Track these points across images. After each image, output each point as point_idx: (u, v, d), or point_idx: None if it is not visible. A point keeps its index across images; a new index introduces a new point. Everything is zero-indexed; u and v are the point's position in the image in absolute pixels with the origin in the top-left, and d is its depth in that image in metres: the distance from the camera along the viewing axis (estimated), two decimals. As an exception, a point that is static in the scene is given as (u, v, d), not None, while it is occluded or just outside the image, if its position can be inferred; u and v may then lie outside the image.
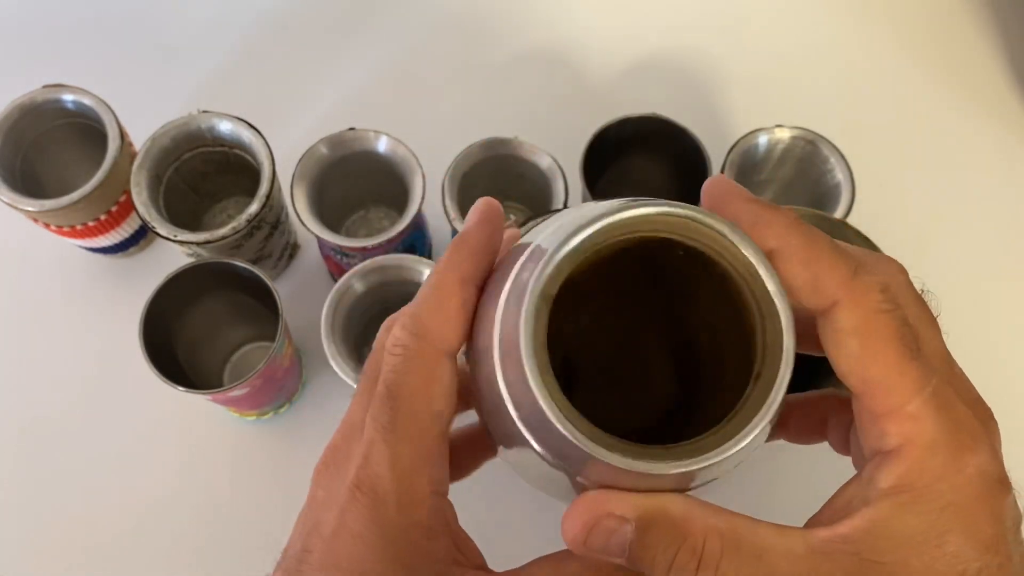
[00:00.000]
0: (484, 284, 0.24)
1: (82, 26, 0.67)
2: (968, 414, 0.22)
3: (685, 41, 0.67)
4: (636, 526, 0.20)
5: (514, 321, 0.21)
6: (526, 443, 0.21)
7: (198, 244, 0.48)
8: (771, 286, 0.20)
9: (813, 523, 0.23)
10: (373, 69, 0.66)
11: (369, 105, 0.64)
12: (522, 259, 0.22)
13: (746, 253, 0.21)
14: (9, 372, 0.56)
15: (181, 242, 0.48)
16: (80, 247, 0.56)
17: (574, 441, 0.19)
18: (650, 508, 0.21)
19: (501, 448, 0.24)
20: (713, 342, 0.25)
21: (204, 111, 0.50)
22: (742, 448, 0.20)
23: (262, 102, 0.63)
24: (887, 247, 0.41)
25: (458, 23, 0.67)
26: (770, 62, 0.66)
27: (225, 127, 0.51)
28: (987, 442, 0.22)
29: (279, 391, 0.51)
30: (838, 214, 0.50)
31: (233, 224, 0.48)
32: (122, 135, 0.50)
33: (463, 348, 0.24)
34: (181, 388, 0.44)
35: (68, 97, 0.51)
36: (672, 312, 0.27)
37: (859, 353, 0.21)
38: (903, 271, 0.24)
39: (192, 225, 0.53)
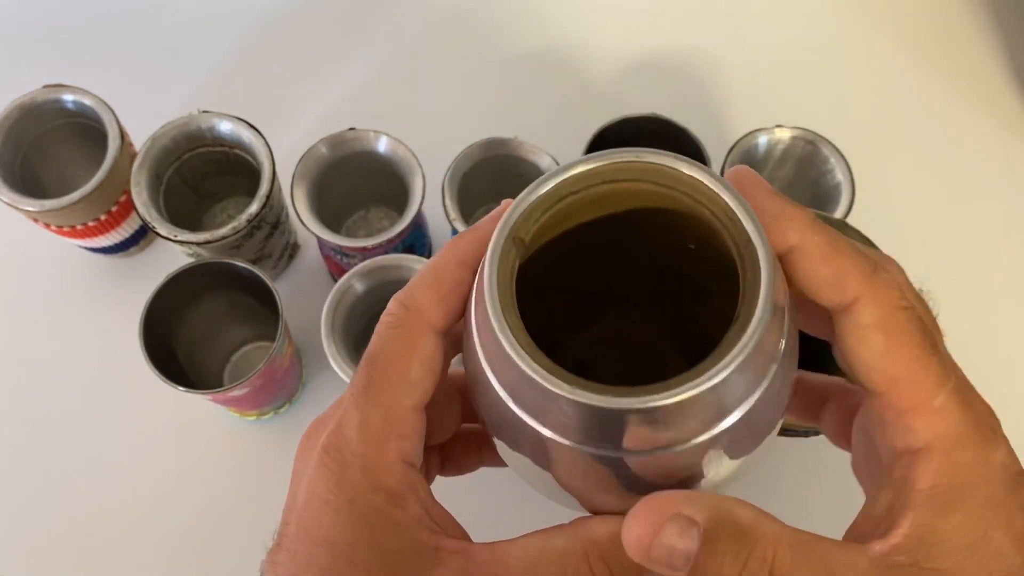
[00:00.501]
0: None
1: (82, 26, 0.67)
2: (985, 407, 0.22)
3: (685, 41, 0.67)
4: (704, 529, 0.19)
5: (481, 269, 0.21)
6: (497, 397, 0.21)
7: (198, 244, 0.48)
8: (749, 228, 0.20)
9: (856, 533, 0.23)
10: (373, 69, 0.66)
11: (369, 105, 0.64)
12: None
13: (724, 197, 0.20)
14: (9, 372, 0.56)
15: (181, 242, 0.48)
16: (80, 247, 0.56)
17: (533, 376, 0.19)
18: (720, 510, 0.20)
19: (495, 440, 0.24)
20: (711, 302, 0.25)
21: (204, 111, 0.50)
22: (712, 386, 0.18)
23: (262, 102, 0.63)
24: (887, 247, 0.41)
25: (458, 23, 0.67)
26: (770, 62, 0.66)
27: (225, 127, 0.51)
28: (1003, 435, 0.22)
29: (279, 391, 0.51)
30: (838, 214, 0.50)
31: (233, 224, 0.48)
32: (122, 135, 0.50)
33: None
34: (181, 388, 0.44)
35: (68, 97, 0.51)
36: (674, 287, 0.27)
37: (884, 348, 0.21)
38: (903, 271, 0.24)
39: (192, 225, 0.53)
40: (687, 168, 0.21)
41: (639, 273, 0.25)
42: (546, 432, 0.20)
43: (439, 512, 0.23)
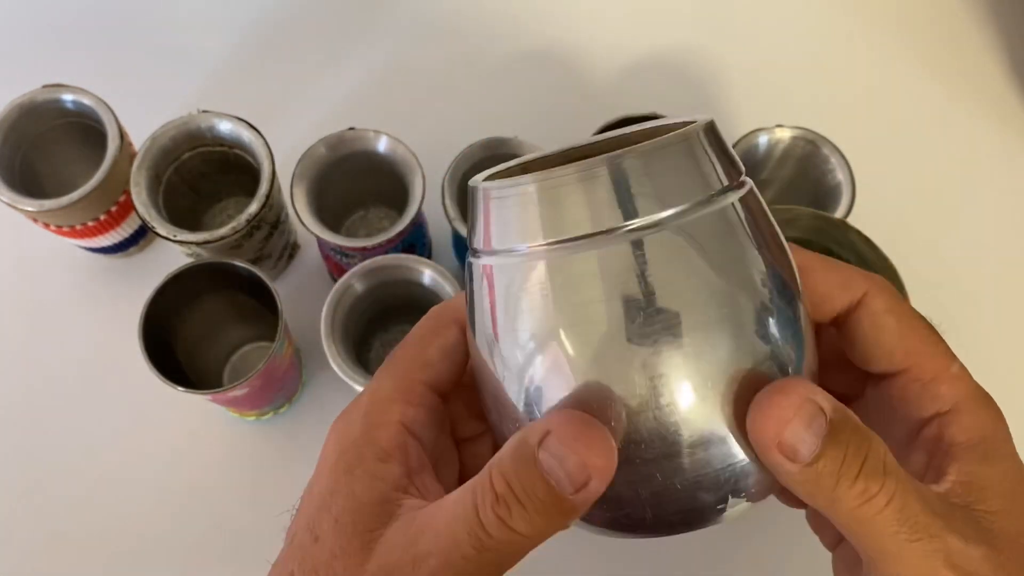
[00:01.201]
0: None
1: (82, 26, 0.66)
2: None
3: (685, 41, 0.67)
4: (830, 419, 0.20)
5: None
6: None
7: (198, 244, 0.47)
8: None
9: None
10: (373, 69, 0.66)
11: (369, 105, 0.64)
12: None
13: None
14: (8, 372, 0.56)
15: (181, 242, 0.48)
16: (80, 247, 0.56)
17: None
18: (842, 408, 0.20)
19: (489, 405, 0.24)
20: None
21: (204, 111, 0.50)
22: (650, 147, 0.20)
23: (262, 102, 0.63)
24: (887, 247, 0.41)
25: (458, 23, 0.67)
26: (770, 62, 0.66)
27: (225, 127, 0.50)
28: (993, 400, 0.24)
29: (279, 391, 0.51)
30: (838, 214, 0.50)
31: (233, 224, 0.48)
32: (122, 135, 0.50)
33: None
34: (181, 388, 0.44)
35: (68, 97, 0.51)
36: None
37: (899, 328, 0.23)
38: None
39: (192, 225, 0.53)
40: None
41: None
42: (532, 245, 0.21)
43: (426, 482, 0.24)
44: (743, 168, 0.22)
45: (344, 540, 0.22)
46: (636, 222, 0.19)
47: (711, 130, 0.21)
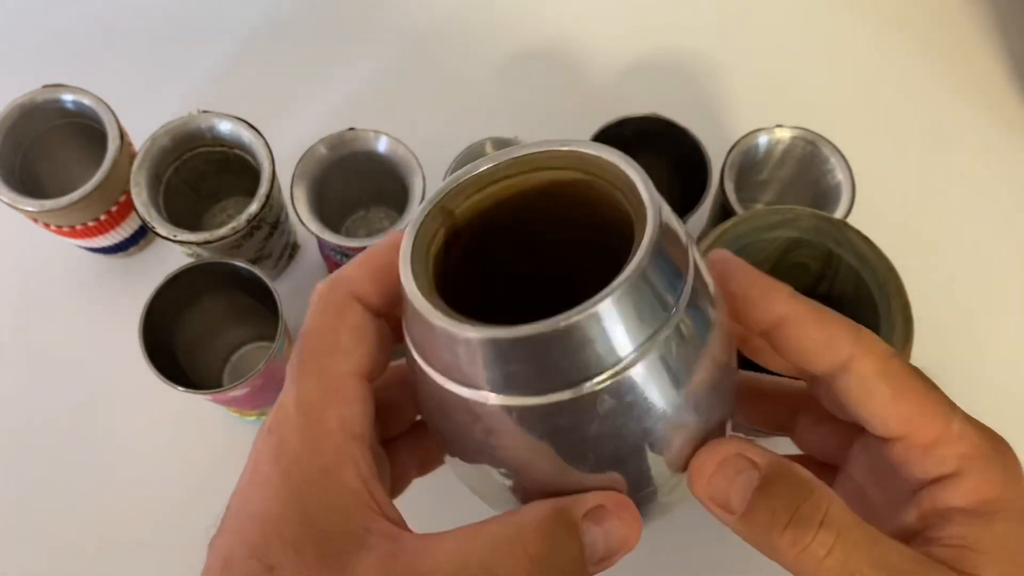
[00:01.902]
0: None
1: (82, 26, 0.67)
2: (992, 429, 0.23)
3: (685, 41, 0.67)
4: (763, 474, 0.20)
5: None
6: (425, 374, 0.21)
7: (198, 244, 0.48)
8: (642, 191, 0.21)
9: None
10: (373, 69, 0.66)
11: (369, 105, 0.64)
12: None
13: (627, 171, 0.22)
14: (8, 372, 0.56)
15: (181, 242, 0.48)
16: (80, 247, 0.56)
17: (428, 318, 0.20)
18: (780, 462, 0.21)
19: (437, 436, 0.24)
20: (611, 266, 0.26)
21: (204, 111, 0.50)
22: (590, 314, 0.19)
23: (262, 102, 0.63)
24: (887, 247, 0.41)
25: (458, 23, 0.67)
26: (770, 62, 0.66)
27: (225, 127, 0.51)
28: (1011, 448, 0.23)
29: (279, 391, 0.51)
30: (838, 214, 0.50)
31: (233, 224, 0.48)
32: (122, 135, 0.50)
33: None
34: (181, 388, 0.44)
35: (68, 97, 0.51)
36: (592, 263, 0.27)
37: (891, 393, 0.22)
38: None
39: (192, 225, 0.53)
40: (607, 155, 0.22)
41: (561, 249, 0.26)
42: (478, 396, 0.20)
43: (378, 491, 0.22)
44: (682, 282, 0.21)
45: (311, 572, 0.20)
46: (567, 393, 0.20)
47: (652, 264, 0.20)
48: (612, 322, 0.19)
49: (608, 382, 0.19)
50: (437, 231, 0.22)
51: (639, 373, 0.20)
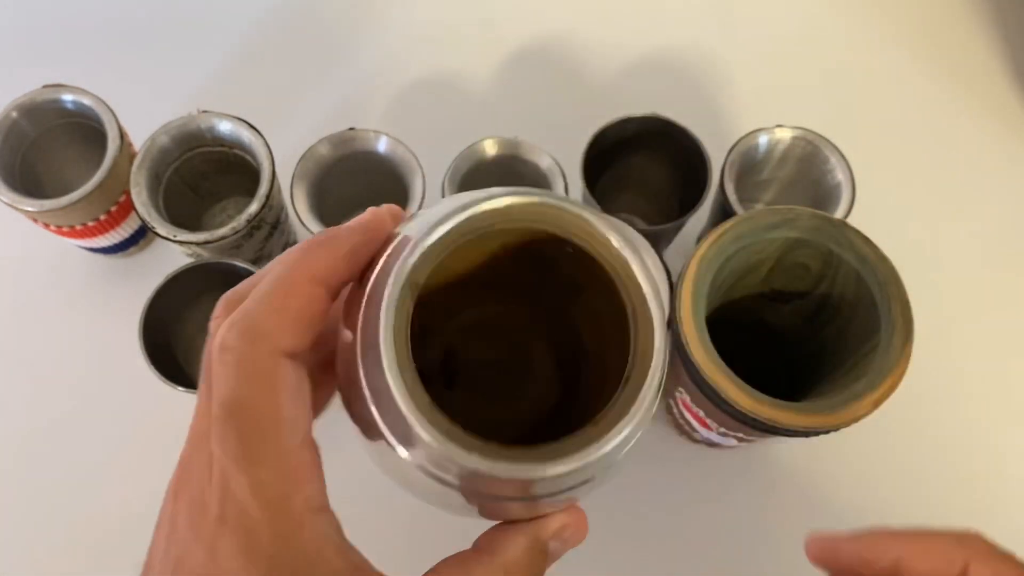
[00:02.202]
0: (360, 279, 0.22)
1: (82, 26, 0.67)
2: None
3: (686, 41, 0.67)
4: None
5: (375, 313, 0.19)
6: (385, 439, 0.20)
7: (198, 244, 0.48)
8: (644, 285, 0.20)
9: None
10: (373, 69, 0.66)
11: (369, 105, 0.64)
12: (389, 250, 0.21)
13: (617, 246, 0.20)
14: (8, 372, 0.56)
15: (181, 242, 0.48)
16: (80, 247, 0.56)
17: (431, 442, 0.18)
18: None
19: (364, 439, 0.23)
20: (596, 340, 0.25)
21: (204, 111, 0.50)
22: (605, 453, 0.19)
23: (262, 102, 0.63)
24: (887, 247, 0.41)
25: (458, 23, 0.67)
26: (770, 62, 0.66)
27: (225, 127, 0.51)
28: None
29: None
30: (838, 214, 0.50)
31: (233, 224, 0.48)
32: (122, 135, 0.50)
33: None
34: (181, 388, 0.44)
35: (68, 97, 0.51)
36: (560, 308, 0.26)
37: None
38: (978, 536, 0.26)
39: (192, 225, 0.53)
40: (573, 208, 0.21)
41: (516, 264, 0.25)
42: (438, 478, 0.20)
43: (355, 556, 0.21)
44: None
45: None
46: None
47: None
48: (601, 460, 0.20)
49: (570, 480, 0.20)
50: (408, 311, 0.20)
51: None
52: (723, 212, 0.51)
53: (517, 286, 0.26)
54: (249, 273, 0.46)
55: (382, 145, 0.50)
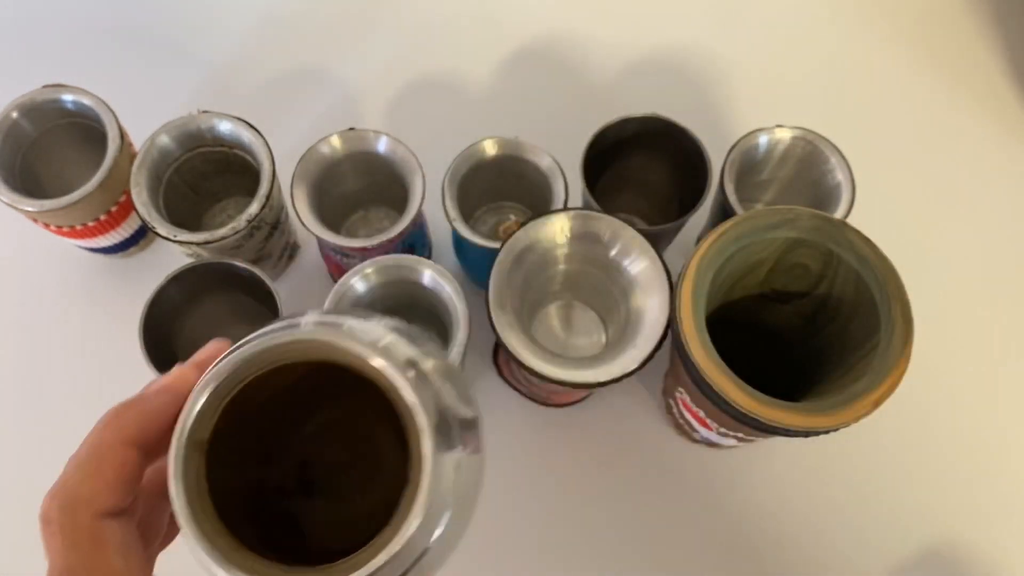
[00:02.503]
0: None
1: (82, 26, 0.67)
2: None
3: (686, 41, 0.67)
4: None
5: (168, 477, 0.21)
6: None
7: (198, 244, 0.48)
8: (407, 396, 0.21)
9: None
10: (373, 69, 0.66)
11: (369, 105, 0.64)
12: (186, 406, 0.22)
13: (379, 367, 0.21)
14: (8, 372, 0.56)
15: (181, 242, 0.48)
16: (80, 247, 0.56)
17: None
18: None
19: None
20: (390, 448, 0.26)
21: (204, 111, 0.50)
22: (395, 555, 0.20)
23: (262, 102, 0.63)
24: (887, 247, 0.41)
25: (458, 23, 0.68)
26: (770, 62, 0.66)
27: (225, 127, 0.51)
28: None
29: None
30: (838, 214, 0.50)
31: (233, 224, 0.48)
32: (122, 135, 0.50)
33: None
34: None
35: (68, 97, 0.51)
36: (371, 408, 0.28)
37: None
38: None
39: (192, 225, 0.53)
40: (353, 344, 0.22)
41: (322, 378, 0.26)
42: None
43: None
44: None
45: None
46: None
47: None
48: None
49: None
50: (198, 468, 0.22)
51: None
52: (723, 212, 0.51)
53: (337, 394, 0.27)
54: (248, 273, 0.46)
55: (382, 145, 0.50)
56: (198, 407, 0.22)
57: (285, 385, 0.24)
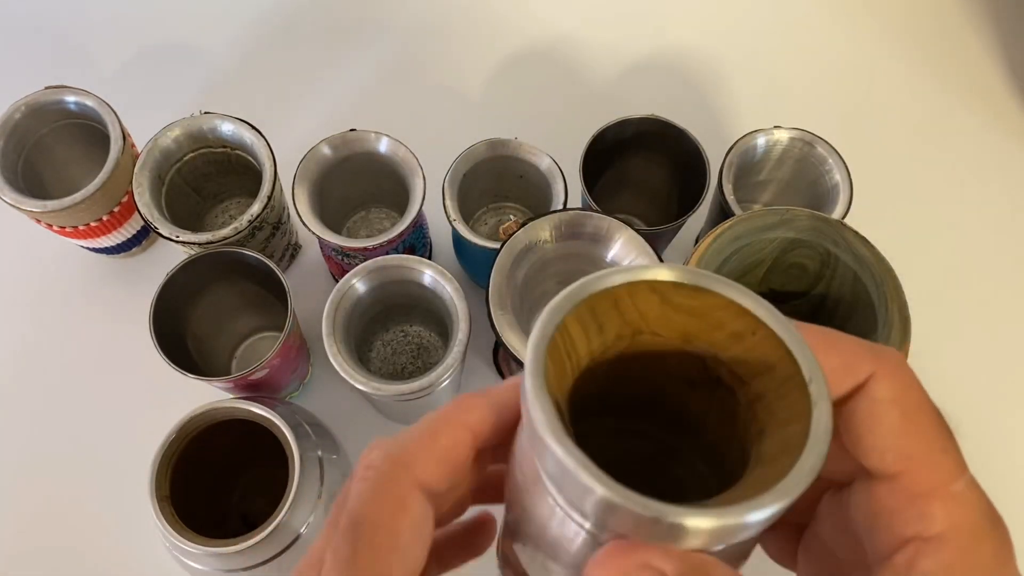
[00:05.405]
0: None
1: (84, 28, 0.67)
2: (997, 511, 0.20)
3: (684, 42, 0.67)
4: None
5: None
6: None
7: (200, 245, 0.48)
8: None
9: None
10: (374, 70, 0.66)
11: (370, 106, 0.64)
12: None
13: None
14: (10, 372, 0.56)
15: (183, 243, 0.48)
16: (82, 247, 0.56)
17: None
18: (694, 565, 0.17)
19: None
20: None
21: (206, 112, 0.51)
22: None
23: (264, 103, 0.64)
24: (884, 248, 0.41)
25: (458, 24, 0.68)
26: (769, 63, 0.66)
27: (227, 128, 0.51)
28: (1008, 533, 0.20)
29: (294, 371, 0.52)
30: (836, 215, 0.50)
31: (235, 225, 0.48)
32: (124, 136, 0.50)
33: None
34: (194, 376, 0.45)
35: (70, 98, 0.51)
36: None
37: (901, 425, 0.19)
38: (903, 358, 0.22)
39: (194, 226, 0.53)
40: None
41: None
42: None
43: None
44: None
45: None
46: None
47: None
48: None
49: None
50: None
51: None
52: (721, 213, 0.51)
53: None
54: (259, 262, 0.47)
55: (383, 146, 0.51)
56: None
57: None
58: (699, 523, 0.17)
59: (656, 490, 0.19)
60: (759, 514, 0.17)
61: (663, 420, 0.25)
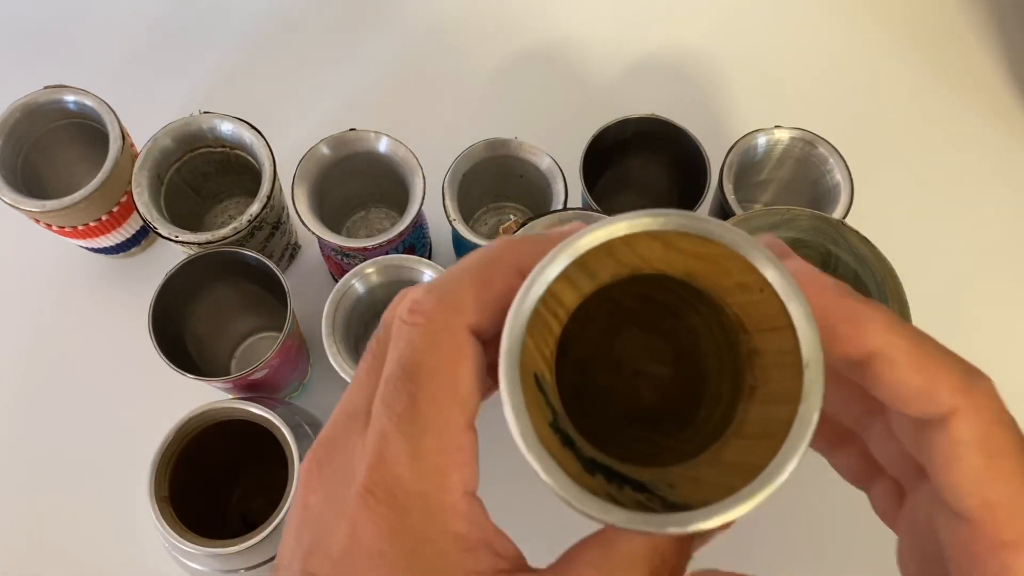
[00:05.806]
0: None
1: (83, 26, 0.67)
2: None
3: (685, 42, 0.67)
4: None
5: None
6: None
7: (199, 244, 0.48)
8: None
9: None
10: (374, 69, 0.66)
11: (370, 106, 0.64)
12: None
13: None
14: (9, 372, 0.56)
15: (182, 242, 0.48)
16: (81, 247, 0.56)
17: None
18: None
19: None
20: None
21: (205, 112, 0.51)
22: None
23: (263, 103, 0.63)
24: (885, 248, 0.41)
25: (458, 23, 0.68)
26: (769, 63, 0.66)
27: (226, 128, 0.51)
28: None
29: (294, 371, 0.51)
30: (837, 214, 0.50)
31: (234, 224, 0.48)
32: (123, 136, 0.50)
33: None
34: (192, 376, 0.45)
35: (70, 98, 0.51)
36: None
37: (983, 470, 0.18)
38: (991, 379, 0.20)
39: (193, 225, 0.53)
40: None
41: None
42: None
43: (499, 539, 0.20)
44: None
45: None
46: None
47: None
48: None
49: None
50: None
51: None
52: (722, 212, 0.51)
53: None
54: (258, 262, 0.47)
55: (383, 146, 0.50)
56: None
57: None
58: (673, 530, 0.18)
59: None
60: (715, 521, 0.18)
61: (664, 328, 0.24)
